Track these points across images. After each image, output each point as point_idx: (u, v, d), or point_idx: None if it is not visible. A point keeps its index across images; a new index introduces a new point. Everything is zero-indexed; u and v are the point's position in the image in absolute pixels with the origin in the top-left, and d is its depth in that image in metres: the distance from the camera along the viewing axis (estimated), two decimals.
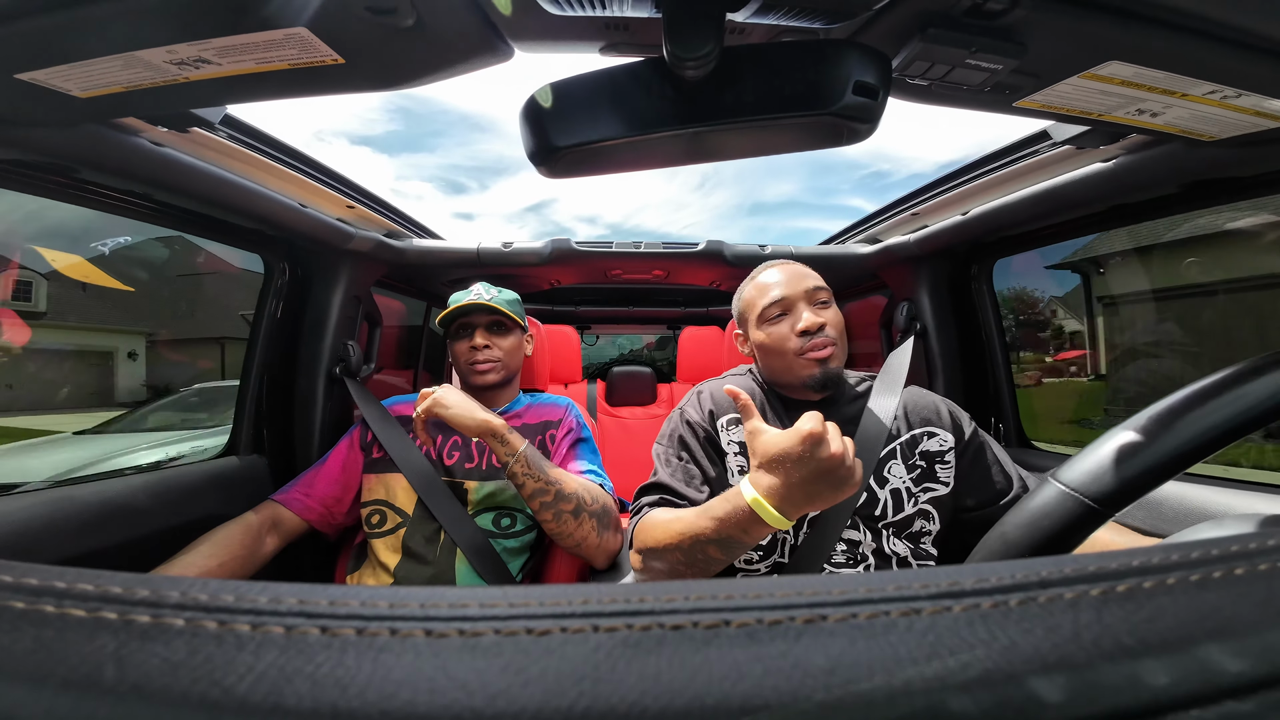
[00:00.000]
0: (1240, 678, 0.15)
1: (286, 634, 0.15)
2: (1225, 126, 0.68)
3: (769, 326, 0.92)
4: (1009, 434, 1.47)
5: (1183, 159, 0.84)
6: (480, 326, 1.22)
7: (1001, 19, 0.48)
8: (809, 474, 0.61)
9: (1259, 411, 0.34)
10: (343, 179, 1.24)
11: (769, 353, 0.93)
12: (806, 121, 0.48)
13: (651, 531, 0.80)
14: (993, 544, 0.41)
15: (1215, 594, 0.17)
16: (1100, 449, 0.38)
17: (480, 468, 1.15)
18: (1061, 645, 0.16)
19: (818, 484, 0.62)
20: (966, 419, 0.96)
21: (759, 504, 0.64)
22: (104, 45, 0.52)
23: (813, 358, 0.89)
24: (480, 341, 1.20)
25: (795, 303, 0.92)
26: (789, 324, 0.91)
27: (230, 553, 1.00)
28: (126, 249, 1.51)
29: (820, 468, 0.61)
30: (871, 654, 0.15)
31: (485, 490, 1.12)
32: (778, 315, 0.92)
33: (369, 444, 1.19)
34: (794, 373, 0.91)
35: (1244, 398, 0.35)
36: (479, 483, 1.13)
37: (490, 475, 1.14)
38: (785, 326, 0.91)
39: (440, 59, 0.55)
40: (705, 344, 2.19)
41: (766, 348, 0.93)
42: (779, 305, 0.92)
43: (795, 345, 0.89)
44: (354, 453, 1.20)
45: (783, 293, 0.92)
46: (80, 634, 0.15)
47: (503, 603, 0.17)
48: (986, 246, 1.42)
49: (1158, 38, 0.50)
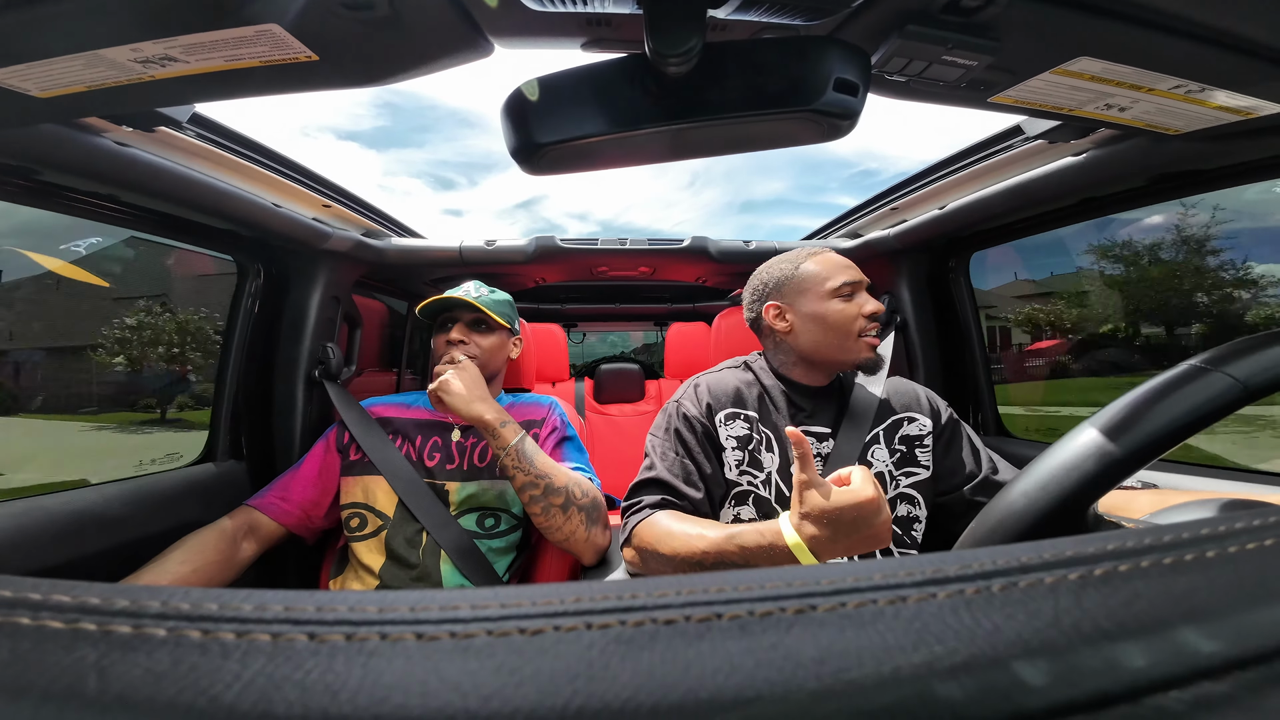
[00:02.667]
0: (1214, 659, 0.16)
1: (273, 641, 0.15)
2: (1190, 121, 0.70)
3: (839, 302, 0.93)
4: (986, 423, 1.50)
5: (1149, 153, 0.86)
6: (460, 321, 1.20)
7: (977, 15, 0.48)
8: (858, 537, 0.65)
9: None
10: (318, 177, 1.22)
11: (829, 326, 0.93)
12: (788, 118, 0.48)
13: (662, 538, 0.80)
14: (1120, 410, 0.38)
15: (1188, 577, 0.18)
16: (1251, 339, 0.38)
17: (461, 469, 1.14)
18: (1042, 629, 0.16)
19: (862, 543, 0.65)
20: (944, 405, 1.00)
21: (799, 548, 0.66)
22: (65, 43, 0.50)
23: (870, 342, 0.92)
24: (456, 336, 1.17)
25: (863, 288, 0.95)
26: (858, 305, 0.93)
27: (205, 558, 0.97)
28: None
29: (871, 531, 0.65)
30: (860, 642, 0.16)
31: (467, 491, 1.11)
32: (850, 294, 0.94)
33: (345, 446, 1.17)
34: (849, 351, 0.93)
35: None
36: (460, 484, 1.12)
37: (472, 476, 1.13)
38: (855, 307, 0.93)
39: (417, 55, 0.54)
40: (692, 339, 2.20)
41: (828, 321, 0.93)
42: (853, 286, 0.94)
43: (860, 326, 0.92)
44: (330, 455, 1.18)
45: (857, 276, 0.95)
46: (58, 645, 0.15)
47: (494, 603, 0.16)
48: (963, 240, 1.44)
49: (1126, 33, 0.51)
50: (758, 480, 0.91)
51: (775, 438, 0.93)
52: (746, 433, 0.93)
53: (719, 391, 0.96)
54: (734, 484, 0.92)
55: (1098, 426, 0.38)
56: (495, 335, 1.22)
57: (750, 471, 0.91)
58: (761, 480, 0.91)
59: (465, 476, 1.13)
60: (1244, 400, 0.35)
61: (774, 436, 0.93)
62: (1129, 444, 0.36)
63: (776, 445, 0.93)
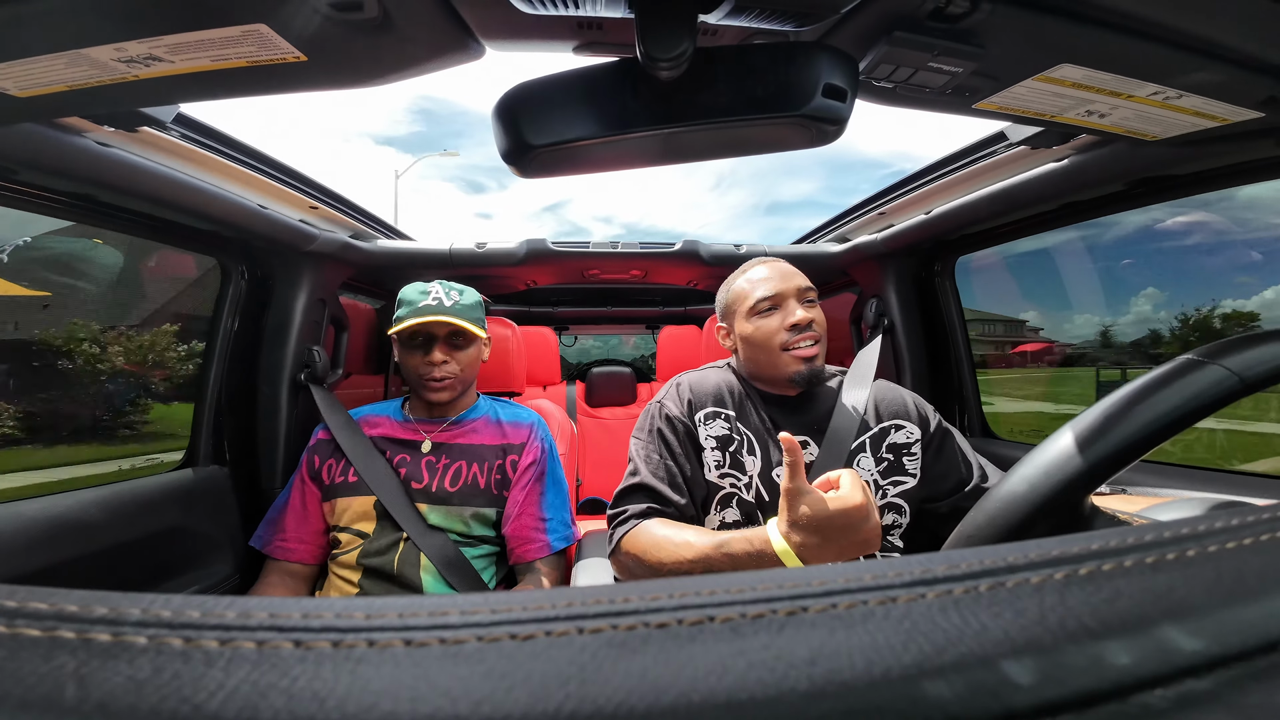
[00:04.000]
0: (1196, 656, 0.16)
1: (258, 648, 0.15)
2: (1167, 126, 0.71)
3: (759, 319, 0.93)
4: (972, 425, 1.52)
5: (1128, 158, 0.88)
6: (439, 340, 1.12)
7: (962, 21, 0.49)
8: (847, 544, 0.65)
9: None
10: (305, 178, 1.20)
11: (755, 346, 0.94)
12: (777, 123, 0.49)
13: (649, 549, 0.80)
14: (1117, 401, 0.39)
15: (1169, 575, 0.18)
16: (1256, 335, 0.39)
17: (430, 489, 1.09)
18: (1029, 628, 0.16)
19: (851, 549, 0.65)
20: (932, 411, 0.99)
21: (787, 554, 0.66)
22: (46, 42, 0.49)
23: (798, 355, 0.91)
24: (439, 357, 1.10)
25: (787, 298, 0.93)
26: (779, 318, 0.92)
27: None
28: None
29: (860, 538, 0.65)
30: (851, 643, 0.16)
31: (436, 516, 1.08)
32: (769, 309, 0.93)
33: (317, 471, 1.13)
34: (778, 368, 0.92)
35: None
36: (429, 506, 1.08)
37: (442, 500, 1.08)
38: (775, 321, 0.92)
39: (407, 57, 0.54)
40: (684, 343, 2.20)
41: (753, 341, 0.94)
42: (771, 299, 0.93)
43: (783, 339, 0.91)
44: (309, 486, 1.14)
45: (776, 288, 0.93)
46: (36, 654, 0.14)
47: (484, 609, 0.16)
48: (949, 244, 1.46)
49: (1106, 41, 0.52)
50: (740, 483, 0.90)
51: (755, 440, 0.93)
52: (726, 433, 0.92)
53: (700, 390, 0.96)
54: (716, 487, 0.91)
55: (1095, 417, 0.39)
56: (473, 346, 1.17)
57: (733, 474, 0.91)
58: (745, 483, 0.90)
59: (435, 500, 1.08)
60: (1241, 393, 0.35)
61: (754, 439, 0.93)
62: (1121, 436, 0.37)
63: (758, 447, 0.92)
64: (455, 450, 1.13)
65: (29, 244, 1.16)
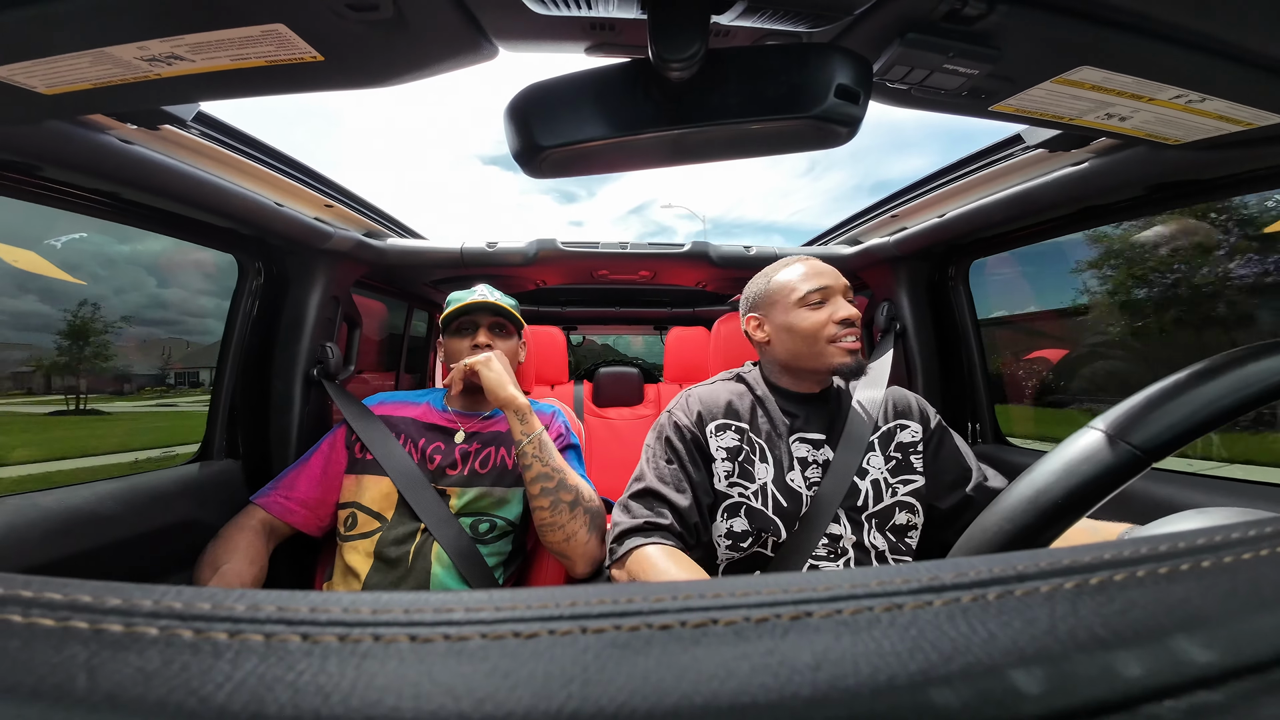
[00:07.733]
0: (1209, 668, 0.16)
1: (266, 642, 0.15)
2: (1189, 130, 0.70)
3: (808, 311, 0.94)
4: (985, 432, 1.50)
5: (1149, 162, 0.87)
6: (484, 326, 1.22)
7: (978, 24, 0.49)
8: None
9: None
10: (321, 177, 1.22)
11: (801, 337, 0.95)
12: (789, 124, 0.49)
13: (649, 575, 0.81)
14: (1022, 491, 0.40)
15: (1183, 586, 0.18)
16: (1145, 397, 0.38)
17: (463, 474, 1.14)
18: (1039, 638, 0.16)
19: None
20: (933, 411, 1.01)
21: None
22: (72, 41, 0.50)
23: (845, 347, 0.93)
24: (483, 340, 1.20)
25: (835, 294, 0.95)
26: (828, 312, 0.94)
27: (261, 557, 1.02)
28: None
29: None
30: (856, 649, 0.16)
31: (467, 497, 1.11)
32: (819, 302, 0.94)
33: (353, 443, 1.17)
34: (823, 358, 0.93)
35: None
36: (460, 489, 1.12)
37: (473, 482, 1.13)
38: (824, 314, 0.94)
39: (422, 57, 0.54)
40: (692, 344, 2.20)
41: (800, 331, 0.94)
42: (822, 293, 0.94)
43: (831, 332, 0.93)
44: (336, 452, 1.18)
45: (827, 282, 0.95)
46: (49, 644, 0.15)
47: (489, 606, 0.16)
48: (963, 248, 1.45)
49: (1127, 43, 0.51)
50: (749, 491, 0.91)
51: (768, 448, 0.93)
52: (736, 444, 0.93)
53: (710, 403, 0.97)
54: (724, 495, 0.92)
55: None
56: (512, 339, 1.26)
57: (741, 483, 0.91)
58: (754, 491, 0.91)
59: (466, 482, 1.13)
60: (1146, 464, 0.35)
61: (767, 447, 0.94)
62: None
63: (770, 456, 0.93)
64: (486, 437, 1.19)
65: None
